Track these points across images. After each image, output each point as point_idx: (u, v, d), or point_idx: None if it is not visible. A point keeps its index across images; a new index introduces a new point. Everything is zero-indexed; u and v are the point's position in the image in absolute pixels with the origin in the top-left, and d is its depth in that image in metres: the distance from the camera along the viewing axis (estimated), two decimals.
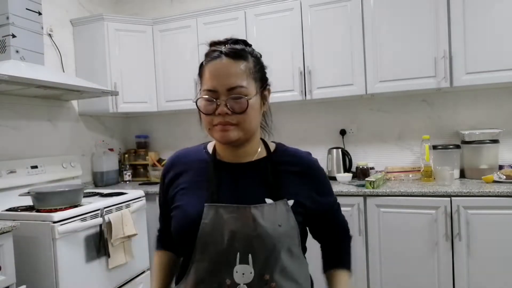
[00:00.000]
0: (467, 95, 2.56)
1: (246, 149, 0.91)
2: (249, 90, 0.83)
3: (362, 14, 2.43)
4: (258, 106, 0.87)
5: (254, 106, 0.85)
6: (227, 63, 0.84)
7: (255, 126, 0.88)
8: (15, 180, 2.28)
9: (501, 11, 2.17)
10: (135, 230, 2.27)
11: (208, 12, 2.81)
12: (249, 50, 0.89)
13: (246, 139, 0.87)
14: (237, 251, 0.82)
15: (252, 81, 0.85)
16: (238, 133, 0.84)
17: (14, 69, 1.99)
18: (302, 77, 2.58)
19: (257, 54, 0.91)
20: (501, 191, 1.96)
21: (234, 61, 0.84)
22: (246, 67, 0.85)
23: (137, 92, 2.96)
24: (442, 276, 2.07)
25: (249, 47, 0.90)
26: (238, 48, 0.87)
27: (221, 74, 0.83)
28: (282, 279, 0.84)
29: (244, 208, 0.83)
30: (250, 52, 0.89)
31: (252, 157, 0.92)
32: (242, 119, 0.83)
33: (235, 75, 0.83)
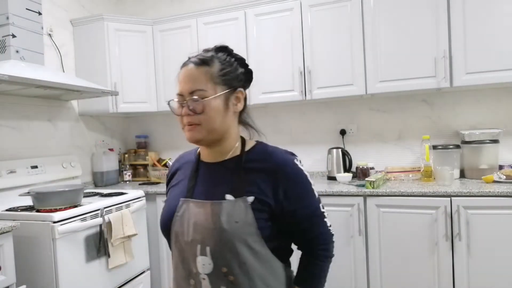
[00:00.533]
0: (467, 95, 2.56)
1: (220, 148, 0.98)
2: (208, 93, 0.90)
3: (362, 14, 2.43)
4: (221, 107, 0.92)
5: (215, 107, 0.91)
6: (191, 69, 0.93)
7: (220, 126, 0.93)
8: (15, 180, 2.28)
9: (501, 11, 2.17)
10: (135, 230, 2.28)
11: (208, 12, 2.81)
12: (219, 56, 0.95)
13: (213, 138, 0.94)
14: (197, 243, 0.90)
15: (213, 84, 0.91)
16: (201, 132, 0.92)
17: (14, 69, 1.99)
18: (302, 77, 2.58)
19: (229, 60, 0.95)
20: (501, 191, 1.96)
21: (196, 67, 0.92)
22: (208, 72, 0.91)
23: (137, 92, 2.96)
24: (442, 276, 2.07)
25: (222, 53, 0.96)
26: (204, 55, 0.94)
27: (185, 79, 0.93)
28: (241, 274, 0.88)
29: (206, 203, 0.91)
30: (218, 58, 0.94)
31: (225, 156, 0.98)
32: (203, 119, 0.90)
33: (194, 80, 0.91)
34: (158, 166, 3.18)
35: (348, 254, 2.25)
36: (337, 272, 2.25)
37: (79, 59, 2.94)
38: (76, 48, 2.95)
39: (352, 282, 2.25)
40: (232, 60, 0.96)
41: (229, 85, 0.94)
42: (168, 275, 2.70)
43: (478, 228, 2.00)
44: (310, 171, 2.91)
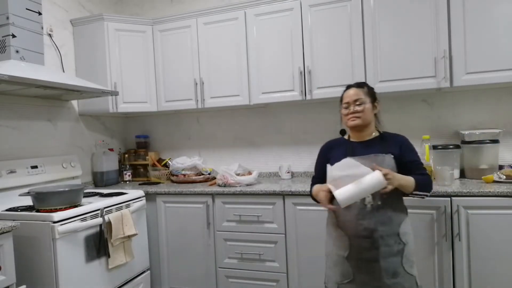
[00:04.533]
0: (467, 95, 2.56)
1: (364, 133, 1.73)
2: (364, 100, 1.69)
3: (362, 14, 2.43)
4: (371, 109, 1.70)
5: (368, 108, 1.68)
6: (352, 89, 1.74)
7: (369, 119, 1.69)
8: (15, 180, 2.28)
9: (501, 11, 2.17)
10: (135, 230, 2.28)
11: (208, 12, 2.81)
12: (365, 84, 1.77)
13: (364, 125, 1.69)
14: None
15: (367, 97, 1.70)
16: (359, 121, 1.68)
17: (14, 69, 1.99)
18: (302, 77, 2.58)
19: (369, 86, 1.76)
20: (501, 191, 1.96)
21: (357, 88, 1.73)
22: (363, 91, 1.72)
23: (137, 92, 2.96)
24: (442, 276, 2.07)
25: (364, 83, 1.78)
26: (358, 82, 1.78)
27: (351, 95, 1.72)
28: (390, 195, 1.52)
29: (367, 156, 1.62)
30: (365, 84, 1.76)
31: (369, 137, 1.73)
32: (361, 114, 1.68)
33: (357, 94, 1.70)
34: (158, 166, 3.18)
35: None
36: None
37: (79, 59, 2.95)
38: (76, 48, 2.95)
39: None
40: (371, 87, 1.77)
41: (373, 98, 1.73)
42: (168, 274, 2.71)
43: (478, 228, 2.00)
44: (310, 171, 2.91)
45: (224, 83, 2.80)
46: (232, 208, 2.52)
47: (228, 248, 2.55)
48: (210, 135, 3.26)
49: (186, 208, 2.64)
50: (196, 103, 2.88)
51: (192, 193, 2.62)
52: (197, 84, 2.87)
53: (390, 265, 1.55)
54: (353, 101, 1.67)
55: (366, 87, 1.73)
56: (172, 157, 3.26)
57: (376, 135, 1.73)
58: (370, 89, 1.74)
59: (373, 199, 1.56)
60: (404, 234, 1.59)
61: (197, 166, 3.00)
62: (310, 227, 2.33)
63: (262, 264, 2.46)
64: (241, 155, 3.16)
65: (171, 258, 2.70)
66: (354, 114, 1.67)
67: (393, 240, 1.56)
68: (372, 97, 1.72)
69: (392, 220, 1.57)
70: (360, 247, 1.58)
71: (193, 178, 2.94)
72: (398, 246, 1.56)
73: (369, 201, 1.56)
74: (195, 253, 2.63)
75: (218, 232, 2.57)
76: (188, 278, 2.66)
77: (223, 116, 3.20)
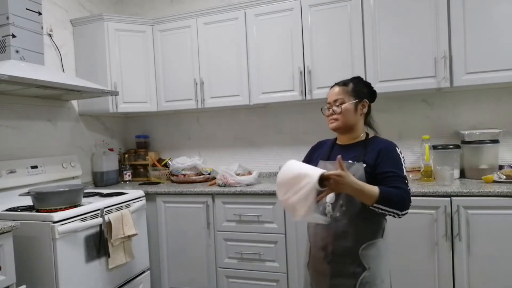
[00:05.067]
0: (467, 95, 2.56)
1: (348, 136, 1.54)
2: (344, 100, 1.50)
3: (362, 14, 2.43)
4: (352, 110, 1.49)
5: (348, 109, 1.49)
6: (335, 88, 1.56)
7: (350, 121, 1.50)
8: (15, 180, 2.28)
9: (501, 11, 2.17)
10: (135, 230, 2.28)
11: (208, 12, 2.81)
12: (354, 80, 1.56)
13: (344, 128, 1.51)
14: None
15: (349, 96, 1.50)
16: (337, 123, 1.50)
17: (14, 69, 1.99)
18: (302, 77, 2.58)
19: (357, 83, 1.55)
20: (501, 191, 1.96)
21: (339, 87, 1.55)
22: (346, 89, 1.52)
23: (137, 92, 2.96)
24: (442, 276, 2.07)
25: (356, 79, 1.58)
26: (345, 80, 1.56)
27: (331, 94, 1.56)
28: (352, 208, 1.38)
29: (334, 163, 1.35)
30: (352, 81, 1.54)
31: (352, 141, 1.53)
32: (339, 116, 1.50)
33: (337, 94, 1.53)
34: (158, 166, 3.18)
35: None
36: None
37: (79, 59, 2.95)
38: (76, 48, 2.95)
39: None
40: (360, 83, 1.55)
41: (358, 97, 1.51)
42: (168, 274, 2.71)
43: (478, 228, 2.00)
44: None
45: (224, 83, 2.80)
46: (232, 208, 2.52)
47: (228, 248, 2.55)
48: (210, 135, 3.26)
49: (186, 208, 2.64)
50: (196, 103, 2.88)
51: (192, 193, 2.61)
52: (197, 84, 2.87)
53: (339, 285, 1.39)
54: (333, 102, 1.51)
55: (353, 84, 1.52)
56: (172, 157, 3.26)
57: (361, 139, 1.53)
58: (357, 86, 1.52)
59: (332, 210, 1.41)
60: (367, 257, 1.37)
61: (197, 166, 3.00)
62: None
63: (262, 264, 2.46)
64: (241, 155, 3.16)
65: (171, 258, 2.70)
66: (333, 116, 1.51)
67: (350, 260, 1.37)
68: (358, 96, 1.50)
69: (350, 237, 1.37)
70: (315, 257, 1.47)
71: (193, 178, 2.94)
72: (356, 268, 1.37)
73: (328, 211, 1.41)
74: (195, 253, 2.63)
75: (218, 232, 2.57)
76: (188, 278, 2.65)
77: (223, 116, 3.20)
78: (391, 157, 1.40)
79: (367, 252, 1.37)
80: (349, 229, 1.38)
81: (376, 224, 1.41)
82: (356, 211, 1.37)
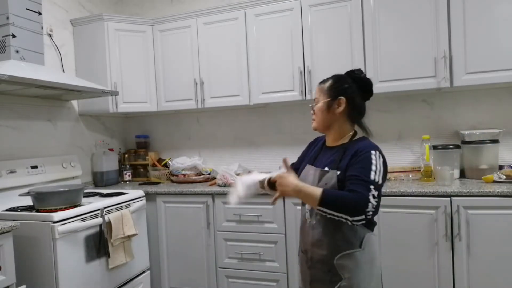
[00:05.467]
0: (467, 95, 2.56)
1: (330, 137, 1.47)
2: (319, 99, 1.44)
3: (362, 14, 2.43)
4: (324, 109, 1.41)
5: (320, 108, 1.42)
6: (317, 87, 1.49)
7: (325, 121, 1.43)
8: (15, 180, 2.28)
9: (501, 11, 2.17)
10: (135, 230, 2.28)
11: (208, 12, 2.81)
12: (334, 77, 1.44)
13: (322, 129, 1.46)
14: None
15: (323, 95, 1.42)
16: (314, 124, 1.47)
17: (14, 69, 1.99)
18: (302, 77, 2.58)
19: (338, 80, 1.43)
20: (501, 191, 1.96)
21: (318, 85, 1.47)
22: (322, 87, 1.44)
23: (137, 92, 2.96)
24: (442, 276, 2.07)
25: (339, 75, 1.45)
26: (324, 79, 1.46)
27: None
28: (326, 217, 1.29)
29: (317, 169, 1.41)
30: (332, 78, 1.44)
31: (336, 143, 1.45)
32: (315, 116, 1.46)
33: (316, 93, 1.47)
34: (158, 166, 3.18)
35: None
36: None
37: (79, 59, 2.95)
38: (76, 48, 2.95)
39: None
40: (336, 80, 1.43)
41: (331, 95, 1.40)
42: (168, 274, 2.71)
43: (478, 228, 2.00)
44: None
45: (224, 83, 2.80)
46: (232, 208, 2.51)
47: (228, 248, 2.55)
48: (210, 135, 3.26)
49: (186, 208, 2.64)
50: (196, 103, 2.88)
51: (192, 193, 2.61)
52: (197, 84, 2.87)
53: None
54: (314, 101, 1.46)
55: (332, 81, 1.42)
56: (172, 157, 3.26)
57: (344, 141, 1.42)
58: (336, 83, 1.41)
59: (310, 216, 1.41)
60: (343, 268, 1.31)
61: (197, 166, 3.00)
62: None
63: (262, 264, 2.46)
64: (241, 155, 3.16)
65: (171, 258, 2.70)
66: (312, 116, 1.46)
67: (326, 268, 1.34)
68: (334, 94, 1.39)
69: (325, 245, 1.34)
70: (301, 259, 1.50)
71: (193, 178, 2.94)
72: (332, 277, 1.33)
73: (307, 217, 1.42)
74: (195, 253, 2.63)
75: (218, 232, 2.57)
76: (188, 278, 2.65)
77: (223, 116, 3.20)
78: (362, 160, 1.29)
79: (343, 262, 1.31)
80: (324, 238, 1.35)
81: (352, 234, 1.32)
82: (330, 221, 1.29)
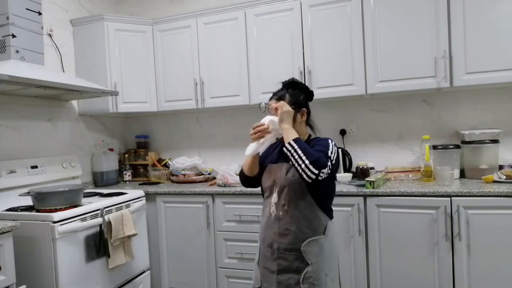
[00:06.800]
0: (467, 95, 2.56)
1: None
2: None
3: (362, 14, 2.43)
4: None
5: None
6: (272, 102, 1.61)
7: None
8: (15, 180, 2.28)
9: (501, 11, 2.17)
10: (135, 230, 2.28)
11: (208, 12, 2.81)
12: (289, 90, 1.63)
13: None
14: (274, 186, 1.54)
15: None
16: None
17: (14, 69, 1.99)
18: (302, 77, 2.58)
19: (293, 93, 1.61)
20: (501, 191, 1.96)
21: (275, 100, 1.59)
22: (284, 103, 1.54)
23: (137, 92, 2.96)
24: (442, 276, 2.07)
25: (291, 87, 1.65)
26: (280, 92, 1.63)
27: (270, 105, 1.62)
28: (292, 208, 1.47)
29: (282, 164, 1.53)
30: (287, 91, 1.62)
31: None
32: None
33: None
34: (158, 166, 3.18)
35: (348, 254, 2.25)
36: None
37: (79, 59, 2.94)
38: (76, 48, 2.95)
39: (352, 282, 2.25)
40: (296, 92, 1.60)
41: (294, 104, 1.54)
42: (168, 274, 2.71)
43: (478, 228, 2.00)
44: None
45: (224, 83, 2.80)
46: (232, 208, 2.52)
47: (228, 248, 2.55)
48: (210, 135, 3.26)
49: (186, 208, 2.64)
50: (196, 103, 2.88)
51: (192, 193, 2.61)
52: (197, 84, 2.87)
53: (285, 280, 1.47)
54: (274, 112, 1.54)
55: (289, 95, 1.57)
56: (172, 157, 3.26)
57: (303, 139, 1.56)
58: (293, 96, 1.58)
59: (276, 209, 1.51)
60: (310, 253, 1.45)
61: (197, 166, 3.00)
62: None
63: None
64: (241, 155, 3.13)
65: (171, 258, 2.70)
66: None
67: (293, 256, 1.46)
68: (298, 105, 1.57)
69: (293, 234, 1.46)
70: (264, 256, 1.55)
71: (193, 178, 2.94)
72: (299, 264, 1.45)
73: (273, 211, 1.52)
74: (195, 253, 2.63)
75: (218, 232, 2.57)
76: (188, 278, 2.65)
77: (223, 116, 3.20)
78: (322, 144, 1.47)
79: (309, 248, 1.45)
80: (291, 227, 1.46)
81: (317, 222, 1.47)
82: (297, 211, 1.46)
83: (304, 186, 1.44)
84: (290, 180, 1.48)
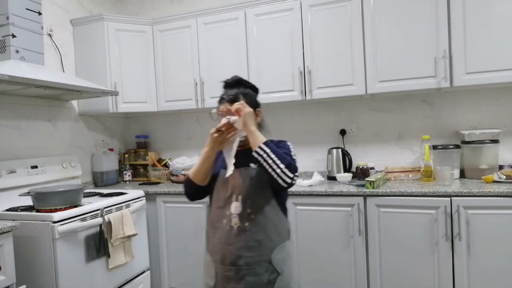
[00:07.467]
0: (467, 95, 2.56)
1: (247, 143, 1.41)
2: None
3: (362, 14, 2.43)
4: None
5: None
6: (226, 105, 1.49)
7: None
8: (15, 180, 2.28)
9: (501, 11, 2.17)
10: (135, 230, 2.28)
11: (208, 12, 2.81)
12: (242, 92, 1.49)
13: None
14: (232, 195, 1.39)
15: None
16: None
17: (14, 69, 1.99)
18: (302, 77, 2.58)
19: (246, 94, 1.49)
20: (501, 191, 1.96)
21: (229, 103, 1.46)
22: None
23: (137, 92, 2.96)
24: (442, 276, 2.07)
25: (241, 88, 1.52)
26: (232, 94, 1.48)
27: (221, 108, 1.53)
28: (259, 215, 1.36)
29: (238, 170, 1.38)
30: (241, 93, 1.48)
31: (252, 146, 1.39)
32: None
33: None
34: (158, 166, 3.18)
35: (348, 254, 2.25)
36: (337, 272, 2.25)
37: (79, 59, 2.94)
38: (76, 48, 2.95)
39: (352, 282, 2.25)
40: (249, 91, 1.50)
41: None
42: (168, 274, 2.71)
43: (478, 228, 2.00)
44: (310, 170, 2.90)
45: None
46: None
47: None
48: None
49: (186, 208, 2.64)
50: (196, 103, 2.88)
51: None
52: (197, 84, 2.87)
53: None
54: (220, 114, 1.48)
55: (243, 96, 1.45)
56: (172, 157, 3.26)
57: None
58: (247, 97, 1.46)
59: (239, 220, 1.35)
60: (279, 261, 1.36)
61: None
62: (310, 227, 2.33)
63: None
64: None
65: (171, 258, 2.70)
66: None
67: (263, 269, 1.34)
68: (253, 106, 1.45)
69: (262, 245, 1.34)
70: (224, 277, 1.36)
71: None
72: (270, 276, 1.34)
73: (235, 222, 1.35)
74: (195, 253, 2.63)
75: None
76: (188, 278, 2.65)
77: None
78: (283, 147, 1.40)
79: (278, 256, 1.36)
80: (260, 237, 1.35)
81: (282, 227, 1.41)
82: (264, 218, 1.36)
83: (269, 191, 1.37)
84: (255, 186, 1.37)
